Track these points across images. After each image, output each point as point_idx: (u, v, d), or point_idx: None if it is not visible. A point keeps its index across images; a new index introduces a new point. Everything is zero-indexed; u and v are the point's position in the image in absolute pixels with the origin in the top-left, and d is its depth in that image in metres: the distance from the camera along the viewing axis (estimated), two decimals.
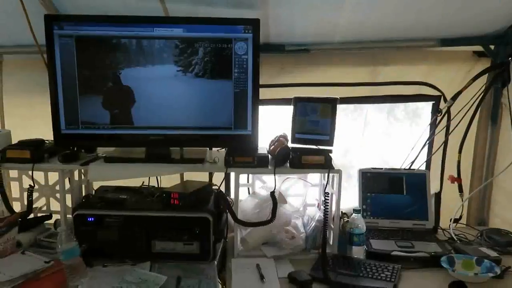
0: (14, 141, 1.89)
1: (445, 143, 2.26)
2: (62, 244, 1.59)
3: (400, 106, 2.56)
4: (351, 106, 2.52)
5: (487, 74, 2.17)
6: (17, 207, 1.98)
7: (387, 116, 2.63)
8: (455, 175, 2.23)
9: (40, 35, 1.79)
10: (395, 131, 2.59)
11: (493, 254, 1.82)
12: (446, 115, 2.22)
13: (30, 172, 1.98)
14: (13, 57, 2.19)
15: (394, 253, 1.82)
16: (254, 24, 1.75)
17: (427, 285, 1.64)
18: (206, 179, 2.15)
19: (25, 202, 2.05)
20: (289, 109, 1.90)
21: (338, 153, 2.47)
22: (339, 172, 1.79)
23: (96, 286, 1.58)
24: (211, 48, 1.76)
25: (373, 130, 2.60)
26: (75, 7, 1.90)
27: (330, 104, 1.81)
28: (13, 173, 1.99)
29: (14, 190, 2.05)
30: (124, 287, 1.57)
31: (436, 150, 2.27)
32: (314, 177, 2.08)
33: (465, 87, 2.12)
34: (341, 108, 2.42)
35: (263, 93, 1.91)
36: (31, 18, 1.83)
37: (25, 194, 2.05)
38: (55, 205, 2.08)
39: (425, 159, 2.32)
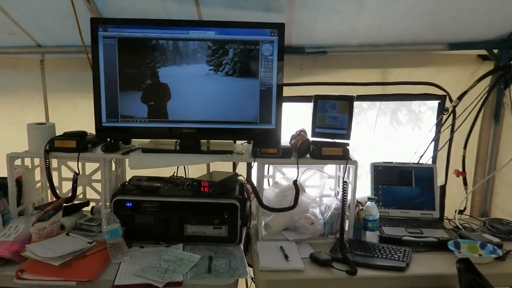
0: (58, 133, 2.06)
1: (451, 139, 2.42)
2: (107, 224, 1.76)
3: (403, 110, 2.73)
4: (355, 110, 2.68)
5: (490, 76, 2.33)
6: None
7: (390, 120, 2.80)
8: (460, 170, 2.40)
9: (85, 36, 1.97)
10: (398, 134, 2.75)
11: (496, 240, 1.99)
12: (452, 113, 2.39)
13: (69, 163, 2.18)
14: (55, 57, 2.37)
15: (405, 238, 1.99)
16: (279, 28, 1.92)
17: (436, 264, 1.80)
18: (230, 171, 2.32)
19: (63, 191, 2.24)
20: (304, 106, 2.06)
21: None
22: (355, 163, 1.96)
23: (137, 263, 1.74)
24: (240, 49, 1.93)
25: (378, 132, 2.77)
26: (117, 11, 2.07)
27: (348, 101, 1.99)
28: (53, 163, 2.15)
29: (54, 179, 2.21)
30: (162, 264, 1.73)
31: (443, 146, 2.44)
32: (330, 170, 2.25)
33: (471, 88, 2.29)
34: None
35: (284, 91, 2.06)
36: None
37: (63, 183, 2.24)
38: (89, 194, 2.27)
39: (432, 155, 2.49)
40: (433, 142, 2.48)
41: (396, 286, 1.75)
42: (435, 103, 2.55)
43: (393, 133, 2.79)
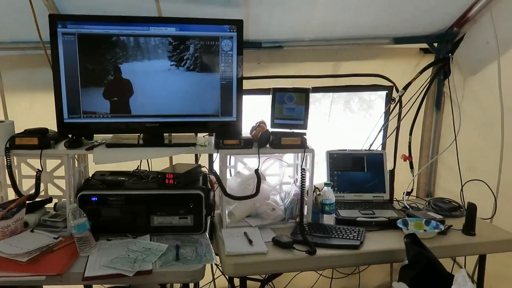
0: (17, 130, 2.04)
1: (398, 127, 2.62)
2: (74, 219, 1.79)
3: (355, 99, 2.89)
4: (310, 99, 2.81)
5: (431, 68, 2.54)
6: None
7: (343, 108, 2.95)
8: (407, 155, 2.60)
9: (43, 32, 1.97)
10: (351, 121, 2.90)
11: (439, 217, 2.20)
12: (399, 103, 2.59)
13: (29, 160, 2.16)
14: (11, 53, 2.32)
15: (359, 219, 2.16)
16: (238, 24, 1.99)
17: (386, 241, 1.98)
18: (192, 163, 2.39)
19: (24, 188, 2.22)
20: (264, 99, 2.16)
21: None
22: (312, 151, 2.09)
23: (105, 255, 1.78)
24: (200, 45, 1.99)
25: (332, 120, 2.92)
26: (75, 7, 2.07)
27: (304, 93, 2.11)
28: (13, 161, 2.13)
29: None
30: (131, 255, 1.78)
31: (391, 133, 2.64)
32: (289, 158, 2.37)
33: (414, 79, 2.49)
34: None
35: (244, 85, 2.15)
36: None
37: (24, 180, 2.21)
38: (52, 190, 2.26)
39: (382, 141, 2.68)
40: (382, 130, 2.67)
41: (352, 262, 1.91)
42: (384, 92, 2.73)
43: (346, 120, 2.93)
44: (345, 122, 2.88)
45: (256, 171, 2.06)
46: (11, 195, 2.11)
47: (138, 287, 2.68)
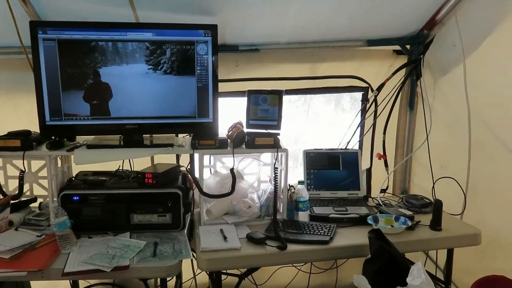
0: (1, 133, 2.11)
1: (374, 126, 2.70)
2: (55, 218, 1.87)
3: (347, 98, 2.96)
4: (301, 99, 2.88)
5: (404, 69, 2.63)
6: None
7: (334, 107, 3.02)
8: (381, 153, 2.69)
9: (24, 37, 2.04)
10: (341, 120, 2.95)
11: (409, 213, 2.29)
12: (374, 103, 2.67)
13: (14, 161, 2.24)
14: None
15: (331, 215, 2.24)
16: (212, 29, 2.08)
17: (355, 236, 2.06)
18: (174, 162, 2.47)
19: (10, 188, 2.29)
20: (241, 100, 2.25)
21: (290, 141, 2.88)
22: (285, 151, 2.17)
23: (85, 252, 1.87)
24: (176, 49, 2.07)
25: (321, 119, 2.99)
26: (54, 13, 2.14)
27: (277, 95, 2.19)
28: None
29: (0, 177, 2.27)
30: (110, 251, 1.87)
31: (366, 132, 2.72)
32: (267, 158, 2.46)
33: (387, 80, 2.58)
34: (291, 101, 2.83)
35: (221, 87, 2.23)
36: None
37: (10, 181, 2.29)
38: (37, 190, 2.34)
39: (358, 139, 2.77)
40: (359, 130, 2.75)
41: (321, 257, 2.00)
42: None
43: (336, 119, 2.99)
44: (339, 121, 2.92)
45: (231, 170, 2.14)
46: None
47: (124, 284, 2.79)
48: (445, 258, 2.31)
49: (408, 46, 2.61)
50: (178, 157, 2.49)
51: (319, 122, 2.98)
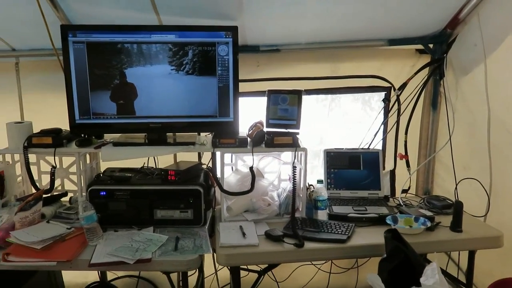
0: (35, 131, 2.25)
1: (397, 127, 2.69)
2: (83, 211, 1.98)
3: (375, 97, 2.93)
4: (328, 98, 2.88)
5: (427, 68, 2.60)
6: None
7: (362, 106, 3.01)
8: (403, 153, 2.67)
9: (55, 40, 2.16)
10: (370, 119, 2.93)
11: (429, 213, 2.28)
12: (397, 102, 2.65)
13: (47, 157, 2.37)
14: (29, 59, 2.55)
15: (350, 214, 2.25)
16: (233, 31, 2.13)
17: (373, 236, 2.06)
18: (196, 160, 2.54)
19: (43, 183, 2.43)
20: (264, 100, 2.29)
21: (315, 140, 2.91)
22: (304, 150, 2.20)
23: (111, 244, 1.96)
24: (198, 50, 2.14)
25: (348, 118, 2.98)
26: (83, 18, 2.26)
27: (297, 95, 2.22)
28: (32, 158, 2.34)
29: (34, 172, 2.40)
30: (134, 245, 1.95)
31: (388, 131, 2.71)
32: (287, 157, 2.48)
33: (409, 79, 2.56)
34: (318, 100, 2.85)
35: (243, 87, 2.29)
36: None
37: (43, 176, 2.43)
38: (67, 185, 2.47)
39: (381, 138, 2.75)
40: (382, 129, 2.73)
41: (337, 255, 2.02)
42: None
43: (365, 118, 2.97)
44: (367, 120, 2.87)
45: (251, 168, 2.19)
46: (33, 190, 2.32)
47: (149, 277, 2.89)
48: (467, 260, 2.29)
49: (431, 45, 2.57)
50: (200, 155, 2.56)
51: (347, 121, 2.97)
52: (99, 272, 2.75)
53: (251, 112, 2.53)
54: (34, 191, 2.26)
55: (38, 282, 2.37)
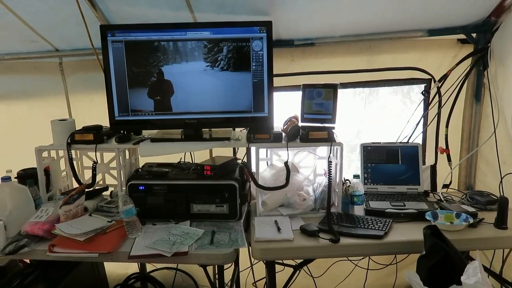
0: (78, 127, 2.35)
1: (438, 120, 2.59)
2: (123, 205, 2.04)
3: (416, 89, 2.84)
4: (366, 90, 2.85)
5: (470, 59, 2.49)
6: None
7: (402, 98, 2.93)
8: (444, 147, 2.57)
9: (94, 40, 2.23)
10: (410, 112, 2.85)
11: (472, 209, 2.19)
12: (438, 94, 2.56)
13: (88, 153, 2.46)
14: (71, 59, 2.66)
15: (388, 210, 2.20)
16: (267, 26, 2.13)
17: (412, 232, 2.01)
18: (231, 155, 2.57)
19: (85, 178, 2.53)
20: (299, 95, 2.28)
21: (351, 134, 2.86)
22: (340, 144, 2.17)
23: (149, 237, 2.02)
24: (233, 46, 2.15)
25: (386, 111, 2.92)
26: (121, 18, 2.33)
27: (332, 89, 2.19)
28: (75, 154, 2.45)
29: (76, 168, 2.50)
30: (171, 238, 2.00)
31: (428, 124, 2.62)
32: (323, 152, 2.46)
33: (450, 70, 2.46)
34: (356, 93, 2.80)
35: (277, 81, 2.28)
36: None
37: (85, 171, 2.53)
38: (108, 180, 2.55)
39: (422, 131, 2.66)
40: (422, 122, 2.65)
41: (374, 252, 1.98)
42: None
43: (405, 112, 2.88)
44: (407, 113, 2.78)
45: (286, 163, 2.19)
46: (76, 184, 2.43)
47: (186, 269, 2.95)
48: None
49: (474, 35, 2.46)
50: (235, 150, 2.58)
51: (385, 115, 2.91)
52: (138, 264, 2.84)
53: (286, 106, 2.53)
54: (77, 185, 2.36)
55: (83, 272, 2.48)
